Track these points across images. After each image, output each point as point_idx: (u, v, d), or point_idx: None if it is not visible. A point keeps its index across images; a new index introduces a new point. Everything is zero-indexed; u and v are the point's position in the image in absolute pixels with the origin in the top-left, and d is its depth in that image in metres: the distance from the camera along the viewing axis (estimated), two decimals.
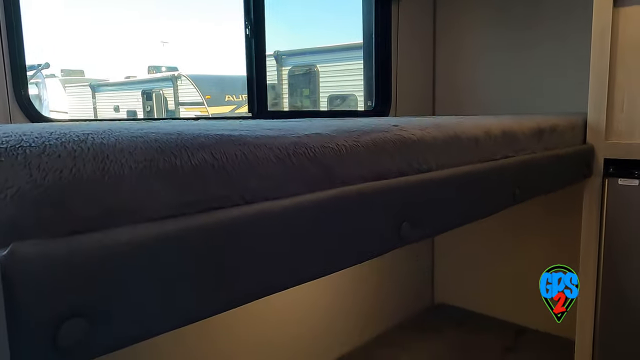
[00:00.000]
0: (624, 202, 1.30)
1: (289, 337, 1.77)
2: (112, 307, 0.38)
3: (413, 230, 0.69)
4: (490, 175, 0.87)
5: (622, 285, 1.33)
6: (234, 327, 1.58)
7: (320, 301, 1.88)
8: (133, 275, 0.39)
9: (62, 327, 0.35)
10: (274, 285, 0.50)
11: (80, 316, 0.36)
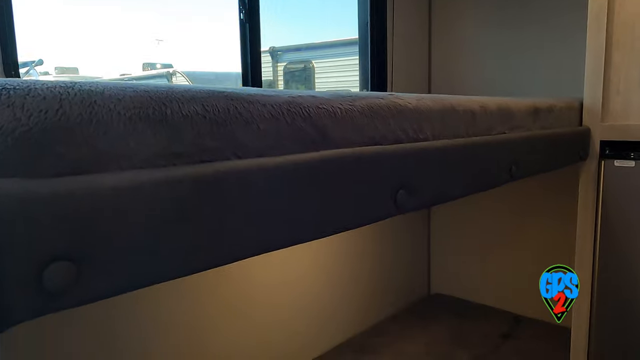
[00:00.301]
0: (620, 183, 1.30)
1: (286, 327, 1.77)
2: (99, 253, 0.36)
3: (409, 198, 0.68)
4: (487, 150, 0.87)
5: (619, 267, 1.33)
6: (228, 317, 1.57)
7: (317, 291, 1.88)
8: (120, 221, 0.37)
9: (48, 269, 0.34)
10: (265, 243, 0.49)
11: (66, 260, 0.35)
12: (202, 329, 1.49)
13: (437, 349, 1.92)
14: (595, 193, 1.35)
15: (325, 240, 1.91)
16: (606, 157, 1.32)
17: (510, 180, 0.95)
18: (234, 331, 1.59)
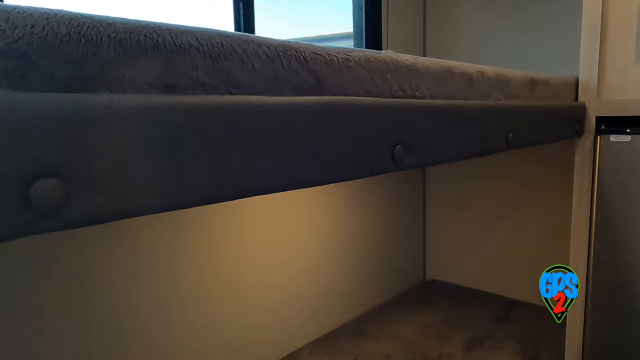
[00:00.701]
0: (616, 158, 1.29)
1: (281, 311, 1.76)
2: (89, 174, 0.35)
3: (407, 155, 0.67)
4: (485, 114, 0.86)
5: (615, 242, 1.32)
6: (224, 299, 1.55)
7: (311, 277, 1.87)
8: (111, 143, 0.36)
9: (36, 185, 0.32)
10: (257, 184, 0.47)
11: (55, 177, 0.33)
12: (197, 311, 1.48)
13: (433, 332, 1.92)
14: (591, 169, 1.34)
15: (320, 226, 1.90)
16: (602, 133, 1.31)
17: (508, 149, 0.94)
18: (230, 313, 1.58)
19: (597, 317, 1.40)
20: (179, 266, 1.42)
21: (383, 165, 0.63)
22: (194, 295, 1.47)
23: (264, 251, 1.68)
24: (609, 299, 1.37)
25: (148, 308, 1.35)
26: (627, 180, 1.28)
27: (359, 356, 1.75)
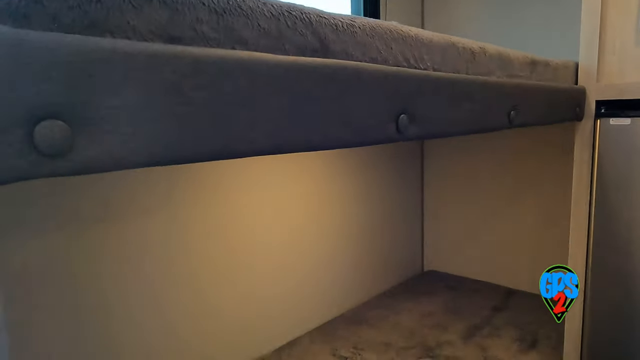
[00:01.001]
0: (616, 141, 1.29)
1: (282, 301, 1.75)
2: (94, 118, 0.34)
3: (411, 125, 0.66)
4: (487, 90, 0.85)
5: (614, 226, 1.32)
6: (227, 289, 1.55)
7: (310, 268, 1.86)
8: (117, 88, 0.35)
9: (41, 126, 0.31)
10: (257, 142, 0.46)
11: (59, 119, 0.32)
12: (196, 299, 1.47)
13: (432, 320, 1.92)
14: (591, 152, 1.34)
15: (320, 216, 1.89)
16: (602, 116, 1.31)
17: (509, 126, 0.94)
18: (230, 301, 1.57)
19: (597, 302, 1.40)
20: (175, 254, 1.41)
21: (387, 133, 0.62)
22: (192, 283, 1.46)
23: (263, 241, 1.67)
24: (608, 283, 1.37)
25: (143, 297, 1.34)
26: (627, 163, 1.28)
27: (359, 344, 1.74)
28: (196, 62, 0.40)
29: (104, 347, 1.26)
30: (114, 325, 1.28)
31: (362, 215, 2.09)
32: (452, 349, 1.70)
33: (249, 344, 1.66)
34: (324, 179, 1.89)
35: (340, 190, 1.97)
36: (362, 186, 2.08)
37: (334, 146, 0.55)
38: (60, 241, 1.15)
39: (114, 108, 0.35)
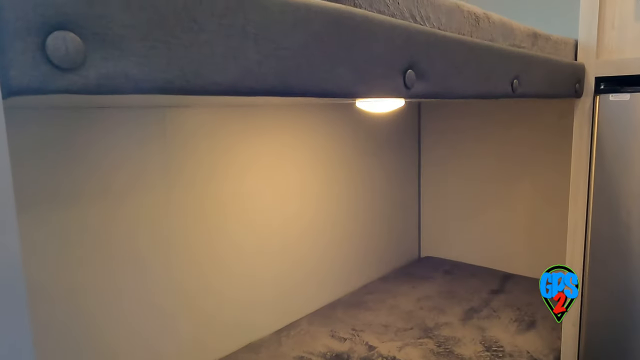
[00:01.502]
0: (615, 117, 1.30)
1: (281, 286, 1.75)
2: (108, 33, 0.33)
3: (418, 81, 0.66)
4: (492, 55, 0.85)
5: (613, 201, 1.33)
6: (223, 282, 1.54)
7: (309, 252, 1.86)
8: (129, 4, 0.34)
9: (52, 36, 0.30)
10: (268, 80, 0.45)
11: (73, 31, 0.31)
12: (196, 283, 1.46)
13: (429, 303, 1.92)
14: (590, 129, 1.35)
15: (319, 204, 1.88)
16: (601, 93, 1.32)
17: (512, 95, 0.94)
18: (229, 285, 1.56)
19: (596, 279, 1.40)
20: (172, 235, 1.40)
21: (395, 86, 0.61)
22: (190, 265, 1.45)
23: (262, 227, 1.66)
24: (608, 259, 1.37)
25: (137, 278, 1.33)
26: (626, 139, 1.29)
27: (357, 326, 1.74)
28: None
29: (96, 330, 1.25)
30: (107, 308, 1.26)
31: (359, 202, 2.09)
32: (451, 329, 1.70)
33: (247, 327, 1.65)
34: (322, 166, 1.88)
35: (338, 178, 1.96)
36: (360, 174, 2.07)
37: (344, 94, 0.54)
38: (54, 218, 1.13)
39: (129, 26, 0.34)
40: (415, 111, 2.40)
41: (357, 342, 1.62)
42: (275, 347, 1.60)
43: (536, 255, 2.16)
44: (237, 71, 0.42)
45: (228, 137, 1.52)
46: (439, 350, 1.56)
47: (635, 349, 1.36)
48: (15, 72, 0.29)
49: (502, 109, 2.16)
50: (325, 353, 1.55)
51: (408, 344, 1.61)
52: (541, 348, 1.58)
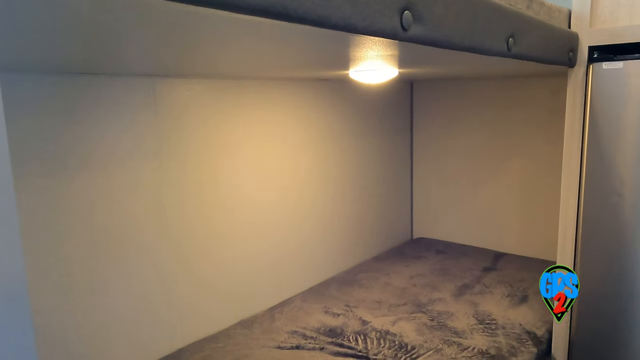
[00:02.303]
0: (609, 85, 1.29)
1: (276, 264, 1.74)
2: None
3: (415, 24, 0.65)
4: (488, 8, 0.84)
5: (606, 173, 1.33)
6: (216, 258, 1.52)
7: (302, 234, 1.85)
8: None
9: None
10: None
11: None
12: (192, 261, 1.45)
13: (422, 280, 1.92)
14: (583, 98, 1.34)
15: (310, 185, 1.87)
16: (594, 61, 1.31)
17: (508, 54, 0.93)
18: (225, 263, 1.55)
19: (588, 252, 1.41)
20: (167, 210, 1.38)
21: (392, 26, 0.60)
22: (186, 240, 1.43)
23: (256, 204, 1.65)
24: (599, 229, 1.37)
25: (135, 251, 1.31)
26: (619, 106, 1.29)
27: (350, 302, 1.74)
28: None
29: (96, 291, 1.23)
30: (107, 278, 1.25)
31: (351, 181, 2.08)
32: (444, 305, 1.70)
33: (240, 304, 1.64)
34: (314, 144, 1.87)
35: (330, 157, 1.95)
36: (352, 153, 2.06)
37: (340, 25, 0.53)
38: (46, 186, 1.11)
39: None
40: (407, 91, 2.39)
41: (350, 317, 1.62)
42: (268, 323, 1.59)
43: (527, 233, 2.17)
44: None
45: (220, 113, 1.50)
46: (432, 324, 1.56)
47: (627, 317, 1.37)
48: None
49: (494, 87, 2.16)
50: (319, 328, 1.55)
51: (401, 318, 1.61)
52: (533, 321, 1.58)
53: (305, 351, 1.41)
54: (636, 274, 1.33)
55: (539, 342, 1.47)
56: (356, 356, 1.38)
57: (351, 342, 1.45)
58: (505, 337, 1.47)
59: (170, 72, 1.29)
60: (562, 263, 1.47)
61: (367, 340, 1.46)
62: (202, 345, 1.46)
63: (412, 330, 1.52)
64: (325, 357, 1.38)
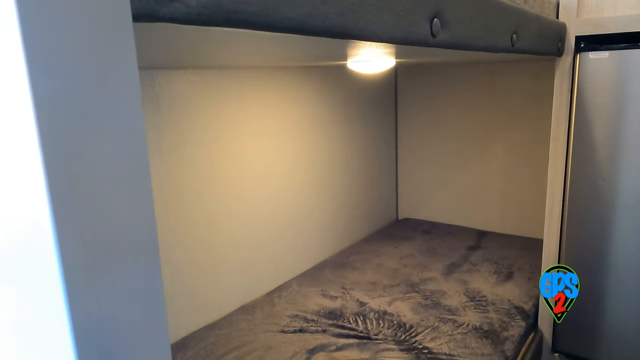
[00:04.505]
0: (595, 74, 1.36)
1: (271, 249, 1.77)
2: None
3: (442, 30, 0.68)
4: (497, 8, 0.88)
5: (591, 155, 1.41)
6: (215, 245, 1.54)
7: (292, 219, 1.88)
8: None
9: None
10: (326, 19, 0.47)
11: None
12: (192, 249, 1.46)
13: (412, 261, 2.00)
14: (570, 86, 1.41)
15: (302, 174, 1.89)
16: (581, 51, 1.38)
17: (511, 50, 0.97)
18: (222, 251, 1.57)
19: (574, 225, 1.49)
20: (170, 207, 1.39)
21: (424, 34, 0.63)
22: (189, 235, 1.45)
23: (252, 193, 1.67)
24: (584, 207, 1.46)
25: None
26: (606, 93, 1.36)
27: (346, 284, 1.79)
28: None
29: None
30: None
31: (339, 166, 2.12)
32: (435, 284, 1.78)
33: (242, 290, 1.68)
34: (302, 130, 1.90)
35: (318, 142, 1.98)
36: (339, 139, 2.10)
37: (384, 38, 0.56)
38: None
39: None
40: (392, 77, 2.43)
41: (348, 300, 1.67)
42: (269, 308, 1.63)
43: (509, 212, 2.26)
44: (306, 9, 0.43)
45: (214, 104, 1.51)
46: (427, 302, 1.64)
47: (607, 294, 1.47)
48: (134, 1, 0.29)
49: (476, 72, 2.22)
50: (319, 310, 1.60)
51: (397, 298, 1.67)
52: (520, 296, 1.68)
53: (308, 334, 1.46)
54: (615, 251, 1.43)
55: (527, 317, 1.57)
56: (358, 337, 1.44)
57: (352, 324, 1.51)
58: (496, 313, 1.56)
59: (172, 65, 1.28)
60: (548, 240, 1.56)
61: (367, 321, 1.52)
62: (207, 332, 1.49)
63: (409, 309, 1.59)
64: (328, 339, 1.43)
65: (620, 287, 1.44)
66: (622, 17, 1.31)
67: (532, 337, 1.59)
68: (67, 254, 0.27)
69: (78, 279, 0.28)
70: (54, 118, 0.26)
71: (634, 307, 1.43)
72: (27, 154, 0.26)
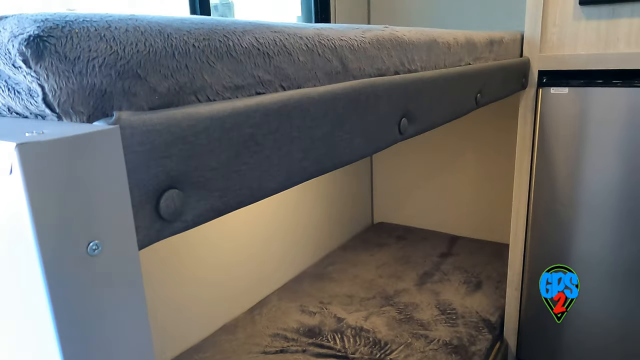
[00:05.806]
0: (555, 108, 1.44)
1: (250, 265, 1.82)
2: (200, 179, 0.38)
3: (409, 126, 0.73)
4: (461, 80, 0.94)
5: (552, 182, 1.50)
6: (197, 250, 1.59)
7: (271, 230, 1.94)
8: (214, 148, 0.39)
9: (164, 196, 0.35)
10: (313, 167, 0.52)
11: (176, 188, 0.36)
12: (172, 270, 1.51)
13: (387, 270, 2.09)
14: (533, 117, 1.49)
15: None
16: (543, 85, 1.45)
17: (476, 107, 1.04)
18: (202, 270, 1.62)
19: (537, 244, 1.59)
20: None
21: (393, 136, 0.69)
22: (167, 258, 1.49)
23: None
24: (546, 231, 1.56)
25: None
26: (564, 127, 1.44)
27: (324, 299, 1.87)
28: (266, 111, 0.44)
29: None
30: None
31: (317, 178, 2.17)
32: (409, 296, 1.87)
33: (225, 307, 1.74)
34: None
35: None
36: None
37: (357, 159, 0.61)
38: None
39: (215, 169, 0.39)
40: None
41: (326, 315, 1.75)
42: (250, 327, 1.70)
43: (480, 218, 2.37)
44: (285, 173, 0.48)
45: None
46: (401, 317, 1.73)
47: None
48: (140, 236, 0.34)
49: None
50: (298, 328, 1.67)
51: (372, 313, 1.76)
52: (487, 307, 1.78)
53: (289, 354, 1.54)
54: (576, 265, 1.54)
55: (493, 329, 1.68)
56: (336, 356, 1.53)
57: (330, 342, 1.59)
58: (464, 327, 1.66)
59: None
60: (514, 252, 1.66)
61: (344, 339, 1.61)
62: (191, 356, 1.55)
63: (384, 325, 1.68)
64: (308, 359, 1.51)
65: (581, 294, 1.55)
66: (582, 55, 1.38)
67: (497, 347, 1.70)
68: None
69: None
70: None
71: (595, 314, 1.55)
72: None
